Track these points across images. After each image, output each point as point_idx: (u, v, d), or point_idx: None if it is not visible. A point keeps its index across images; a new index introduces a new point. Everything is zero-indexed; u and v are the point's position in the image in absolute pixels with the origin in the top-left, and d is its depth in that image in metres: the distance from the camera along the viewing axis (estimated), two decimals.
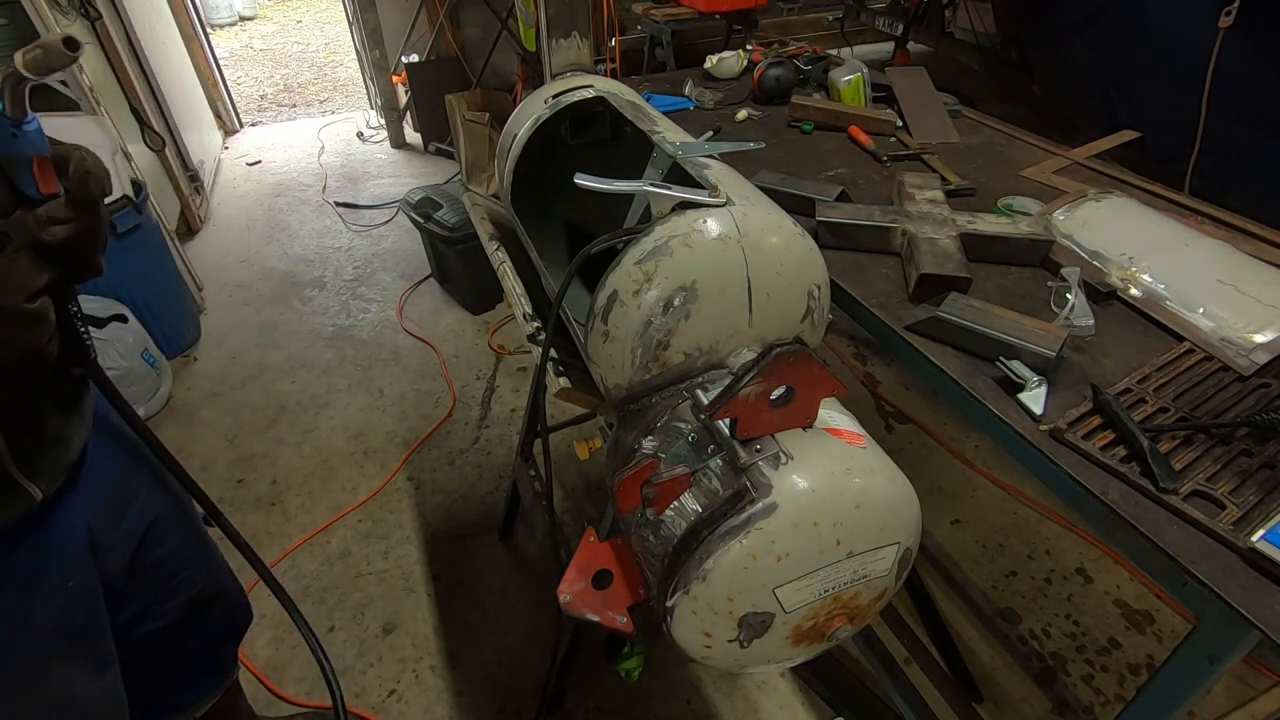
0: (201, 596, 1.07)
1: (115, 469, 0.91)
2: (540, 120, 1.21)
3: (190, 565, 1.05)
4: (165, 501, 0.99)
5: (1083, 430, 0.86)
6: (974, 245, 1.17)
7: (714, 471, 0.75)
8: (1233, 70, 2.29)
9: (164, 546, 0.99)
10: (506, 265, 1.23)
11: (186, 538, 1.04)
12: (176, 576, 1.02)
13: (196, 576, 1.06)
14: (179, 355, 2.74)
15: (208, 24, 5.35)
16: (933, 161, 1.53)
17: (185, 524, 1.04)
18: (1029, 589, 1.83)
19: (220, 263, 3.37)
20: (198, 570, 1.06)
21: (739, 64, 2.06)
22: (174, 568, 1.01)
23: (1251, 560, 0.71)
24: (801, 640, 0.77)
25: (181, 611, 1.03)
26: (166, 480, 1.00)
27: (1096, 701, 1.60)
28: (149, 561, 0.96)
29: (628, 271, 0.82)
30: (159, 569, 0.99)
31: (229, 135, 4.87)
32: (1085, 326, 1.02)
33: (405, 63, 4.25)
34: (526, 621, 1.78)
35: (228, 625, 1.18)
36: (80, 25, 2.72)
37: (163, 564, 0.99)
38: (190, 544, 1.05)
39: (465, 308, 2.99)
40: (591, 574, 0.85)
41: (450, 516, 2.07)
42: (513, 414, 2.43)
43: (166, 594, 1.01)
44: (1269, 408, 0.86)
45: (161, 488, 0.99)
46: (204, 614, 1.08)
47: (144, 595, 0.97)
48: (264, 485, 2.19)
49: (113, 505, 0.89)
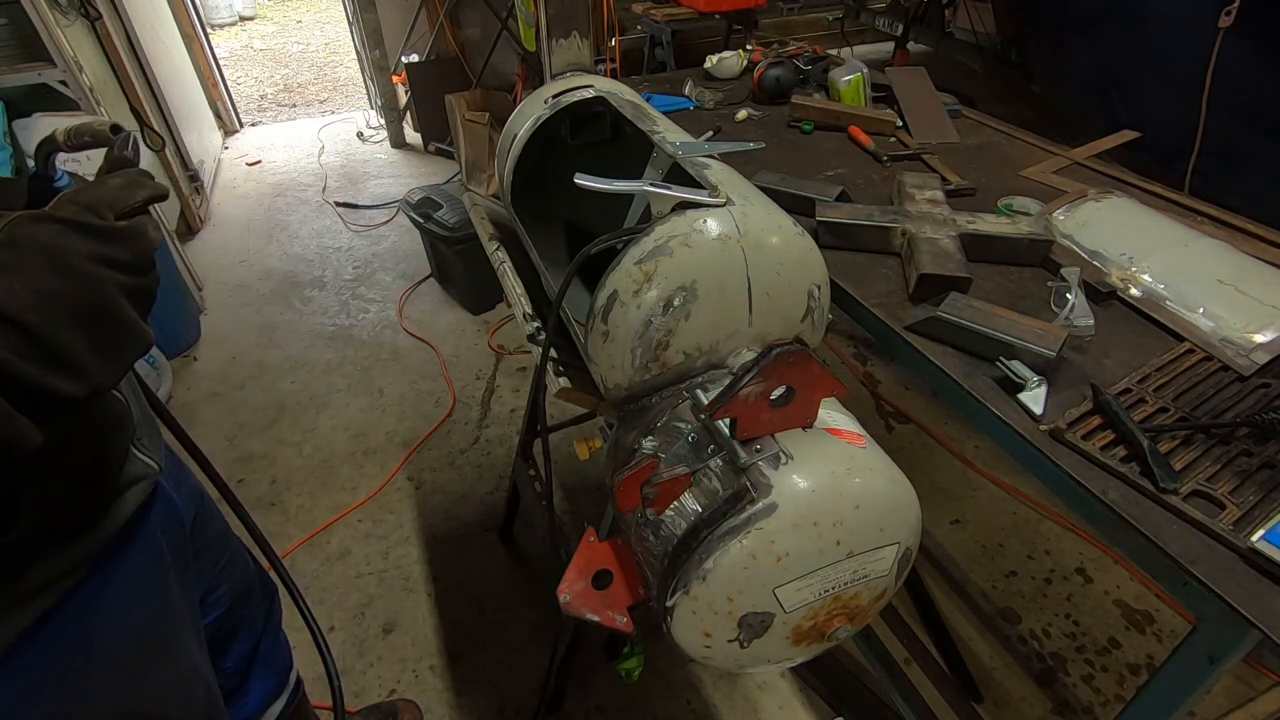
0: (243, 583, 1.08)
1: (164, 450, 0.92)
2: (540, 120, 1.21)
3: (230, 548, 1.06)
4: (196, 484, 1.00)
5: (1083, 430, 0.86)
6: (974, 245, 1.17)
7: (714, 471, 0.75)
8: (1233, 70, 2.29)
9: (210, 527, 1.00)
10: (506, 265, 1.23)
11: (219, 523, 1.05)
12: (222, 558, 1.03)
13: (237, 559, 1.07)
14: (179, 355, 2.74)
15: (208, 24, 5.35)
16: (933, 161, 1.53)
17: (215, 509, 1.05)
18: (1029, 589, 1.83)
19: (220, 263, 3.37)
20: (236, 552, 1.07)
21: (739, 64, 2.06)
22: (219, 549, 1.03)
23: (1251, 560, 0.71)
24: (801, 640, 0.77)
25: (231, 599, 1.04)
26: (185, 466, 1.01)
27: (1096, 701, 1.60)
28: (202, 542, 0.97)
29: (628, 271, 0.82)
30: (211, 551, 1.00)
31: (229, 135, 4.87)
32: (1085, 326, 1.02)
33: (405, 63, 4.25)
34: (526, 621, 1.78)
35: (267, 617, 1.18)
36: (80, 25, 2.71)
37: (212, 546, 1.00)
38: (222, 529, 1.06)
39: (465, 308, 2.99)
40: (591, 574, 0.85)
41: (450, 516, 2.07)
42: (513, 414, 2.43)
43: (218, 578, 1.02)
44: (1269, 408, 0.86)
45: (187, 471, 1.00)
46: (247, 603, 1.09)
47: (204, 579, 0.98)
48: (264, 485, 2.19)
49: (175, 484, 0.90)
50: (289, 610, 1.05)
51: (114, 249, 0.55)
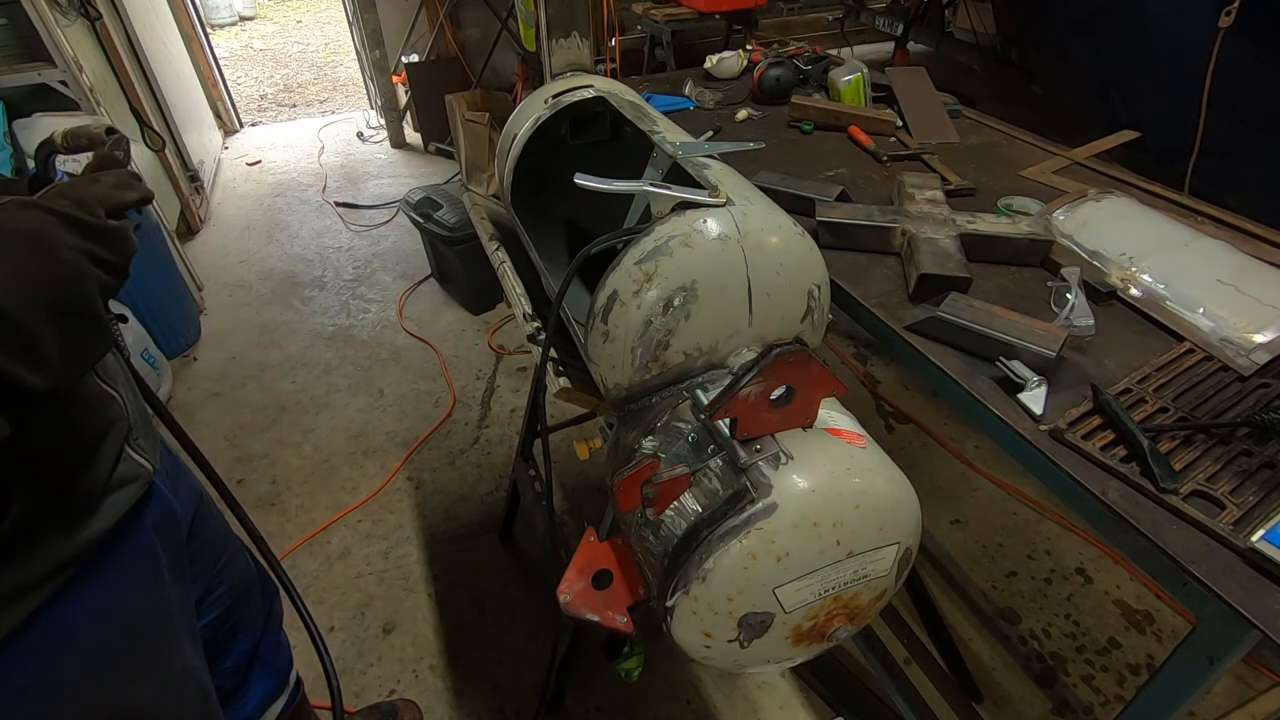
0: (243, 582, 1.07)
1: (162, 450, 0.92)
2: (540, 120, 1.21)
3: (229, 547, 1.05)
4: (196, 485, 1.00)
5: (1083, 430, 0.86)
6: (974, 245, 1.17)
7: (714, 471, 0.75)
8: (1233, 70, 2.29)
9: (209, 527, 1.00)
10: (506, 265, 1.22)
11: (218, 523, 1.05)
12: (222, 558, 1.02)
13: (236, 559, 1.06)
14: (179, 355, 2.74)
15: (208, 24, 5.34)
16: (933, 161, 1.53)
17: (214, 509, 1.04)
18: (1029, 589, 1.83)
19: (220, 263, 3.37)
20: (235, 552, 1.07)
21: (739, 64, 2.06)
22: (218, 549, 1.02)
23: (1251, 560, 0.71)
24: (801, 640, 0.77)
25: (231, 599, 1.03)
26: (184, 465, 1.00)
27: (1096, 701, 1.60)
28: (200, 542, 0.96)
29: (628, 271, 0.82)
30: (210, 551, 0.99)
31: (229, 135, 4.87)
32: (1085, 326, 1.02)
33: (405, 63, 4.25)
34: (526, 621, 1.78)
35: (268, 617, 1.17)
36: (80, 25, 2.71)
37: (211, 546, 1.00)
38: (222, 529, 1.05)
39: (465, 308, 2.99)
40: (591, 574, 0.85)
41: (450, 516, 2.07)
42: (513, 414, 2.43)
43: (217, 578, 1.01)
44: (1269, 408, 0.86)
45: (186, 471, 0.99)
46: (247, 603, 1.08)
47: (202, 579, 0.98)
48: (264, 485, 2.19)
49: (173, 485, 0.90)
50: (289, 610, 1.05)
51: (100, 247, 0.55)
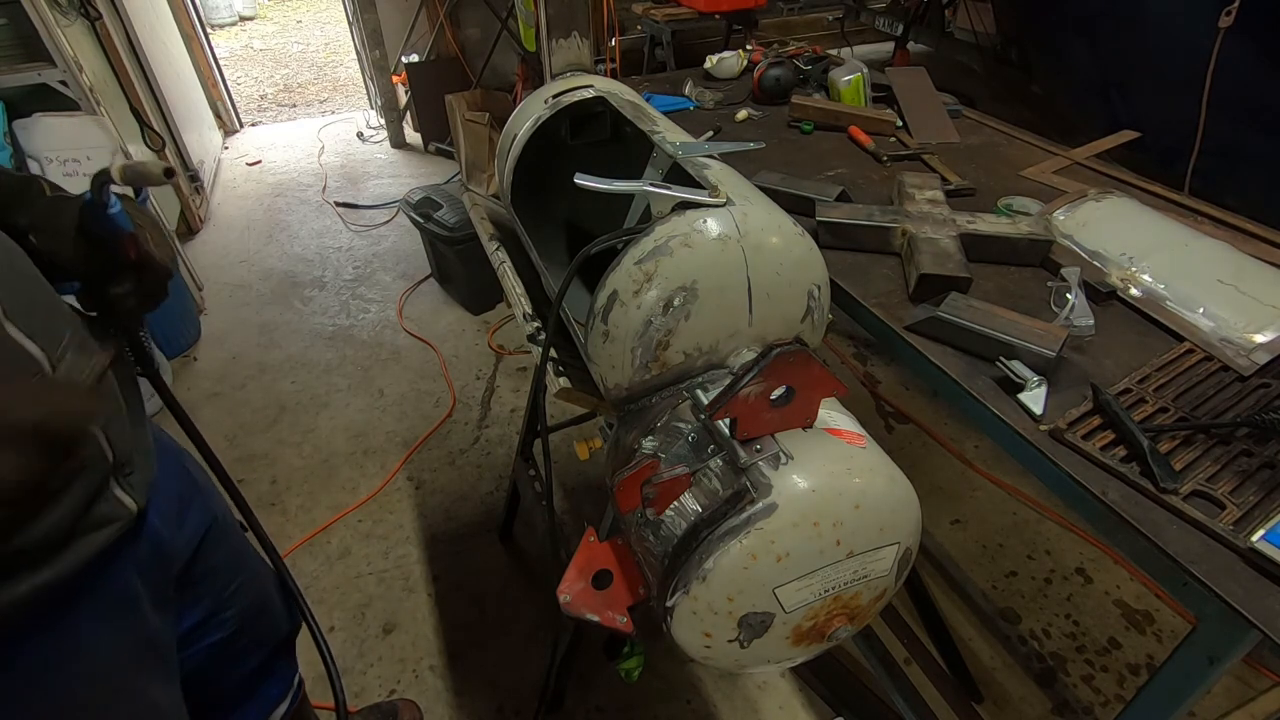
0: (255, 603, 1.06)
1: (174, 476, 0.91)
2: (540, 120, 1.21)
3: (244, 571, 1.04)
4: (213, 508, 0.98)
5: (1083, 430, 0.86)
6: (974, 245, 1.17)
7: (714, 471, 0.75)
8: (1233, 70, 2.28)
9: (219, 554, 0.98)
10: (506, 265, 1.23)
11: (235, 544, 1.03)
12: (233, 583, 1.01)
13: (250, 582, 1.05)
14: (179, 355, 2.73)
15: (208, 24, 5.34)
16: (933, 161, 1.53)
17: (231, 530, 1.03)
18: (1029, 589, 1.83)
19: (220, 263, 3.37)
20: (250, 575, 1.06)
21: (739, 64, 2.06)
22: (229, 575, 1.00)
23: (1251, 560, 0.71)
24: (801, 640, 0.77)
25: (240, 620, 1.02)
26: (206, 487, 1.00)
27: (1096, 701, 1.60)
28: (207, 569, 0.95)
29: (628, 271, 0.82)
30: (218, 575, 0.98)
31: (229, 135, 4.87)
32: (1085, 326, 1.02)
33: (405, 63, 4.25)
34: (526, 621, 1.78)
35: (280, 632, 1.16)
36: (80, 25, 2.72)
37: (218, 572, 0.98)
38: (239, 550, 1.04)
39: (465, 308, 2.99)
40: (591, 574, 0.85)
41: (450, 516, 2.07)
42: (513, 414, 2.43)
43: (225, 603, 1.00)
44: (1269, 408, 0.86)
45: (205, 494, 0.98)
46: (259, 621, 1.07)
47: (205, 604, 0.96)
48: (264, 485, 2.19)
49: (175, 515, 0.88)
50: None
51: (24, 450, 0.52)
